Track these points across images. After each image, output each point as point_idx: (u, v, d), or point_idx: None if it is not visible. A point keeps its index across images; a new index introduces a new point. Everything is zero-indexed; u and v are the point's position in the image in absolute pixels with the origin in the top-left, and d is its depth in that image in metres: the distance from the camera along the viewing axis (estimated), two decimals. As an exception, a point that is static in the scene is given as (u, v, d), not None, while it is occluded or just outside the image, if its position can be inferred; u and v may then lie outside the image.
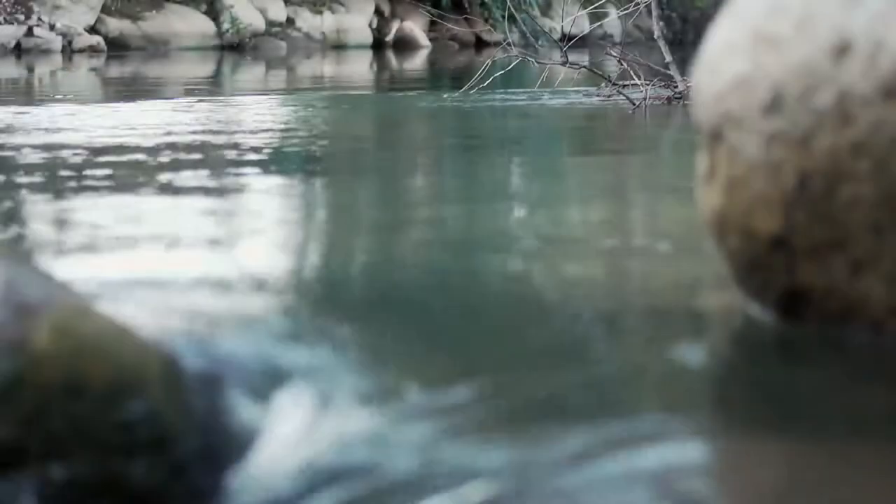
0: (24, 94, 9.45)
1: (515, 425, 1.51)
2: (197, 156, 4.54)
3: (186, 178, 3.91)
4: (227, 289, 2.20)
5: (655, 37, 7.36)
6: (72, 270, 2.34)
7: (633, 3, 7.78)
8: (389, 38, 20.62)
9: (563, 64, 7.42)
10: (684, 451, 1.44)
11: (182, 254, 2.62)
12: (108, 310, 1.58)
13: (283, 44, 19.18)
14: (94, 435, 1.40)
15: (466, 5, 19.27)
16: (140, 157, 4.46)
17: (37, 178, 3.92)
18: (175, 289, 2.18)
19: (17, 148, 4.75)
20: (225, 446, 1.48)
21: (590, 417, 1.55)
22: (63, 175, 3.97)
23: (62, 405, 1.39)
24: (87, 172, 4.01)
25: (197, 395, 1.51)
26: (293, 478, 1.44)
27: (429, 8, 15.90)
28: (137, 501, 1.40)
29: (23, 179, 3.90)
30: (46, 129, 5.52)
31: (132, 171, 4.07)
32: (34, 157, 4.44)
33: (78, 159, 4.36)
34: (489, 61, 7.58)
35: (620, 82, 7.23)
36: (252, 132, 5.60)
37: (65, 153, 4.54)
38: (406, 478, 1.41)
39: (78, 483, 1.39)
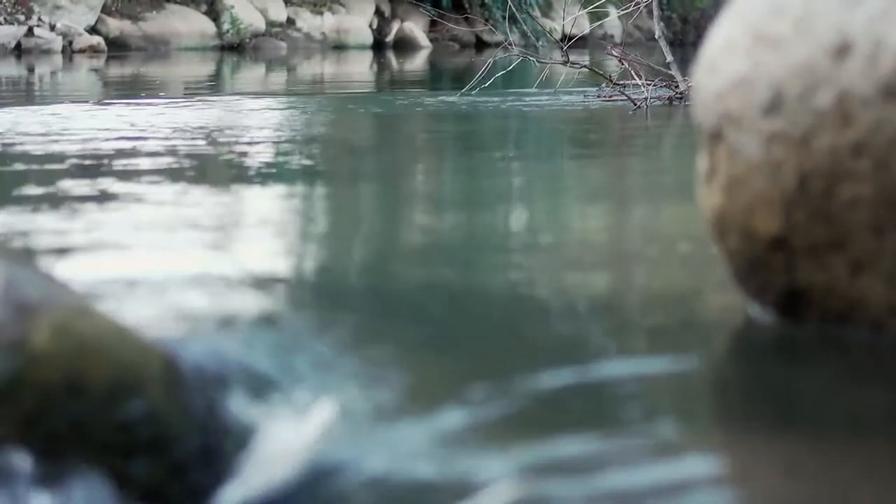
0: (25, 94, 9.45)
1: (515, 430, 1.51)
2: (196, 156, 4.54)
3: (186, 177, 3.91)
4: (226, 289, 2.20)
5: (656, 36, 7.36)
6: (72, 270, 2.34)
7: (633, 3, 7.77)
8: (390, 38, 20.62)
9: (565, 63, 7.42)
10: (684, 451, 1.44)
11: (182, 254, 2.62)
12: (108, 310, 1.58)
13: (284, 44, 19.18)
14: (94, 435, 1.40)
15: (467, 6, 19.26)
16: (139, 156, 4.46)
17: (36, 178, 3.92)
18: (175, 289, 2.18)
19: (17, 146, 4.75)
20: (224, 446, 1.48)
21: (589, 418, 1.55)
22: (63, 175, 3.97)
23: (62, 405, 1.39)
24: (87, 172, 4.01)
25: (197, 395, 1.51)
26: (292, 478, 1.44)
27: (429, 8, 15.89)
28: (137, 501, 1.40)
29: (22, 178, 3.90)
30: (47, 130, 5.52)
31: (132, 171, 4.07)
32: (35, 157, 4.44)
33: (77, 158, 4.36)
34: (490, 61, 7.58)
35: (621, 82, 7.23)
36: (251, 132, 5.60)
37: (64, 153, 4.54)
38: (404, 478, 1.41)
39: (77, 482, 1.39)
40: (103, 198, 3.43)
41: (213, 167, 4.27)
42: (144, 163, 4.29)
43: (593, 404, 1.59)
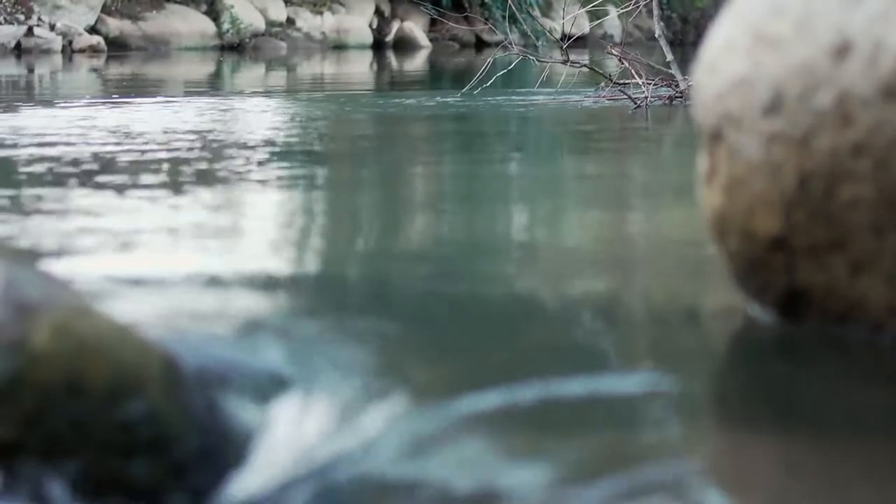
0: (25, 94, 9.45)
1: (517, 431, 1.51)
2: (196, 155, 4.54)
3: (185, 177, 3.91)
4: (226, 289, 2.20)
5: (656, 36, 7.36)
6: (72, 270, 2.34)
7: (632, 3, 7.77)
8: (389, 38, 20.63)
9: (565, 62, 7.42)
10: (684, 451, 1.44)
11: (181, 254, 2.62)
12: (107, 310, 1.58)
13: (284, 44, 19.19)
14: (94, 435, 1.40)
15: (466, 5, 19.27)
16: (140, 156, 4.46)
17: (37, 178, 3.92)
18: (175, 289, 2.18)
19: (18, 147, 4.75)
20: (224, 446, 1.48)
21: (588, 418, 1.55)
22: (63, 174, 3.97)
23: (62, 405, 1.39)
24: (87, 171, 4.01)
25: (197, 395, 1.51)
26: (292, 478, 1.44)
27: (429, 7, 15.90)
28: (137, 501, 1.40)
29: (23, 178, 3.90)
30: (49, 129, 5.52)
31: (132, 170, 4.07)
32: (36, 158, 4.44)
33: (78, 157, 4.36)
34: (490, 60, 7.58)
35: (622, 81, 7.22)
36: (251, 132, 5.60)
37: (65, 152, 4.54)
38: (404, 478, 1.41)
39: (78, 483, 1.39)
40: (102, 196, 3.43)
41: (212, 165, 4.26)
42: (143, 160, 4.29)
43: (592, 404, 1.59)
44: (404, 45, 20.27)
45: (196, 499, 1.43)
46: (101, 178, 3.87)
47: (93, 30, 17.61)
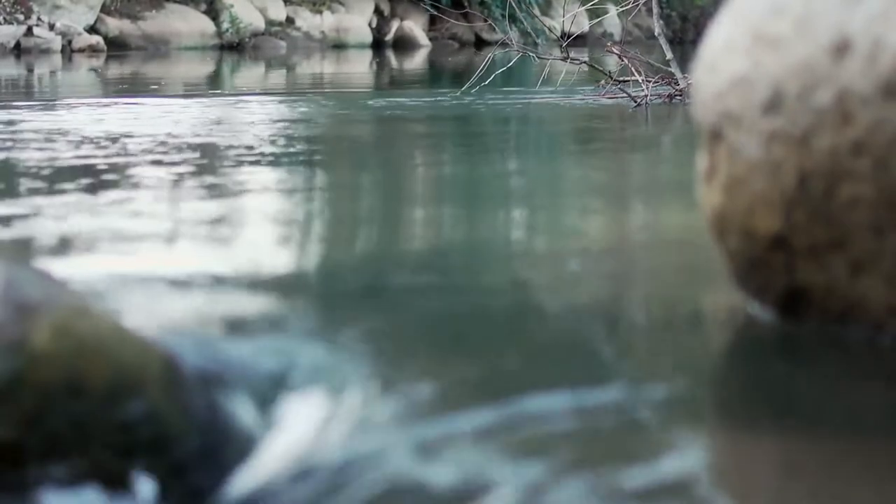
0: (25, 94, 9.45)
1: (522, 430, 1.51)
2: (195, 154, 4.54)
3: (185, 176, 3.91)
4: (226, 288, 2.20)
5: (656, 34, 7.36)
6: (72, 270, 2.34)
7: (632, 1, 7.77)
8: (389, 37, 20.64)
9: (565, 59, 7.41)
10: (684, 450, 1.44)
11: (181, 253, 2.62)
12: (108, 310, 1.58)
13: (283, 43, 19.20)
14: (94, 435, 1.40)
15: (466, 4, 19.28)
16: (139, 156, 4.45)
17: (35, 181, 3.92)
18: (175, 288, 2.18)
19: (17, 147, 4.75)
20: (225, 446, 1.48)
21: (588, 417, 1.55)
22: (62, 173, 3.97)
23: (62, 405, 1.39)
24: (87, 170, 4.01)
25: (197, 395, 1.51)
26: (293, 478, 1.44)
27: (429, 5, 15.90)
28: (137, 501, 1.40)
29: (22, 178, 3.90)
30: (49, 128, 5.52)
31: (131, 170, 4.07)
32: (34, 160, 4.44)
33: (77, 156, 4.36)
34: (489, 57, 7.57)
35: (622, 79, 7.22)
36: (250, 132, 5.59)
37: (64, 149, 4.54)
38: (404, 479, 1.41)
39: (77, 483, 1.39)
40: (102, 195, 3.43)
41: (211, 164, 4.27)
42: (142, 160, 4.29)
43: (591, 404, 1.59)
44: (404, 44, 20.28)
45: (196, 499, 1.43)
46: (102, 179, 3.87)
47: (92, 29, 17.61)
